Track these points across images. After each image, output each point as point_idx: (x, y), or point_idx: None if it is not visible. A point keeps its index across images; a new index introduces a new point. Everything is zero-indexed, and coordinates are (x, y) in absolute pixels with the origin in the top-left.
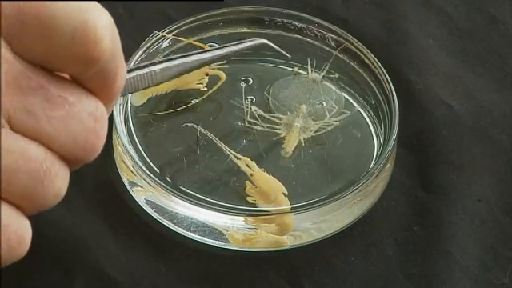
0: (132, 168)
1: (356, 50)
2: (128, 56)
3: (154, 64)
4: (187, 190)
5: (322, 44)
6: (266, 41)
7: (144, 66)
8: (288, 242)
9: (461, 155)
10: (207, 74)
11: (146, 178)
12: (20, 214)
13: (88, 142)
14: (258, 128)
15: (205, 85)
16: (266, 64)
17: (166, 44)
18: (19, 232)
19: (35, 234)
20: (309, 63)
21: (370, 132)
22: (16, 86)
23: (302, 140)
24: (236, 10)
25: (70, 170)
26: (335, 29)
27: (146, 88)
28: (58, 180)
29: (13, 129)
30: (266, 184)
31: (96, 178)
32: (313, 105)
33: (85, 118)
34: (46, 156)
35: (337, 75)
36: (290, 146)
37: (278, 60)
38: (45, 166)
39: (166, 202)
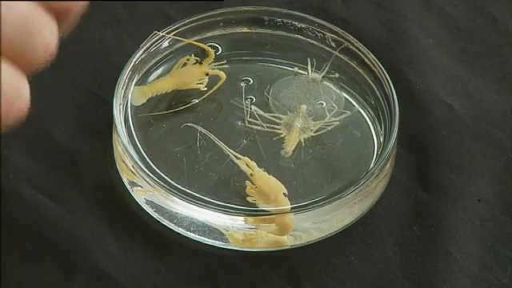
0: (132, 168)
1: (356, 50)
2: (128, 56)
3: None
4: (187, 190)
5: (322, 44)
6: None
7: None
8: (288, 241)
9: (461, 155)
10: (207, 74)
11: (146, 178)
12: (14, 71)
13: None
14: (258, 128)
15: (205, 85)
16: (266, 64)
17: (166, 44)
18: (15, 87)
19: (35, 235)
20: (309, 63)
21: (370, 132)
22: None
23: (302, 140)
24: (236, 10)
25: (60, 27)
26: (335, 29)
27: None
28: (46, 31)
29: None
30: (266, 184)
31: (96, 178)
32: (313, 105)
33: None
34: (30, 5)
35: (337, 75)
36: (290, 146)
37: (278, 60)
38: (30, 14)
39: (165, 202)
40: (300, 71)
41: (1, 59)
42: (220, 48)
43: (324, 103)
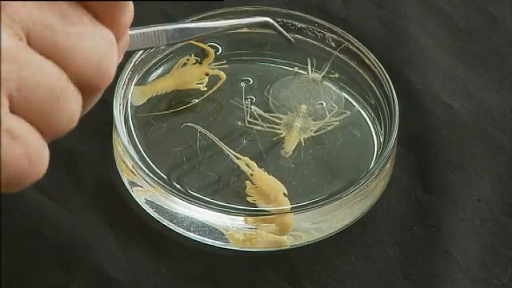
0: (132, 168)
1: (356, 50)
2: (128, 56)
3: (161, 25)
4: (187, 190)
5: (322, 44)
6: (269, 19)
7: (152, 26)
8: (288, 241)
9: (461, 155)
10: (207, 74)
11: (146, 178)
12: (39, 134)
13: (101, 65)
14: (258, 128)
15: (205, 85)
16: (266, 64)
17: None
18: (39, 149)
19: (35, 235)
20: (309, 63)
21: (370, 132)
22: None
23: (302, 140)
24: (236, 10)
25: (84, 103)
26: (335, 29)
27: (151, 47)
28: (73, 102)
29: (30, 45)
30: (266, 184)
31: (96, 178)
32: (313, 105)
33: (98, 39)
34: (61, 75)
35: (337, 75)
36: (290, 146)
37: (278, 60)
38: (61, 83)
39: (166, 202)
40: (300, 71)
41: (27, 123)
42: (220, 48)
43: (324, 103)
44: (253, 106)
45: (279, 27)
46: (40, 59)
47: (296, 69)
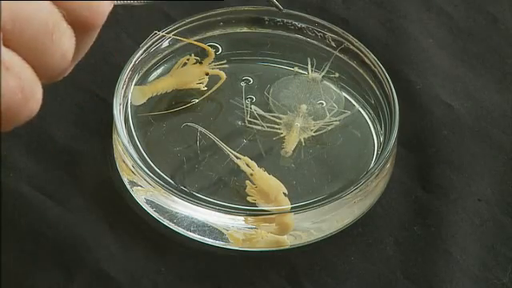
0: (132, 168)
1: (356, 50)
2: (128, 56)
3: None
4: (187, 190)
5: (322, 44)
6: None
7: None
8: (288, 241)
9: (461, 155)
10: (207, 74)
11: (146, 178)
12: (32, 71)
13: (93, 1)
14: (258, 128)
15: (205, 84)
16: (266, 64)
17: (166, 44)
18: (32, 84)
19: (35, 235)
20: (309, 63)
21: (370, 132)
22: None
23: (302, 140)
24: (236, 10)
25: (77, 43)
26: (335, 29)
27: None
28: (66, 38)
29: None
30: (266, 184)
31: (96, 178)
32: (313, 104)
33: None
34: (54, 9)
35: (337, 75)
36: (290, 146)
37: (278, 60)
38: (54, 18)
39: (166, 202)
40: (300, 71)
41: (21, 58)
42: (220, 48)
43: (324, 103)
44: (253, 106)
45: None
46: None
47: (296, 69)
